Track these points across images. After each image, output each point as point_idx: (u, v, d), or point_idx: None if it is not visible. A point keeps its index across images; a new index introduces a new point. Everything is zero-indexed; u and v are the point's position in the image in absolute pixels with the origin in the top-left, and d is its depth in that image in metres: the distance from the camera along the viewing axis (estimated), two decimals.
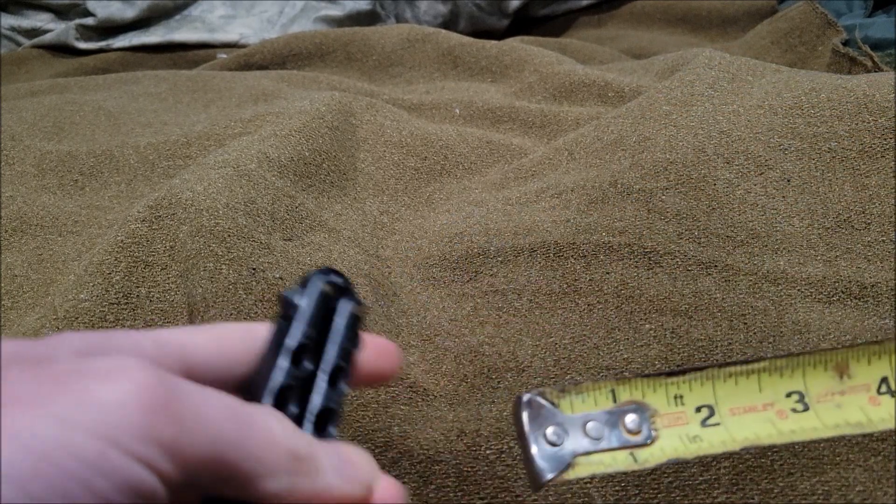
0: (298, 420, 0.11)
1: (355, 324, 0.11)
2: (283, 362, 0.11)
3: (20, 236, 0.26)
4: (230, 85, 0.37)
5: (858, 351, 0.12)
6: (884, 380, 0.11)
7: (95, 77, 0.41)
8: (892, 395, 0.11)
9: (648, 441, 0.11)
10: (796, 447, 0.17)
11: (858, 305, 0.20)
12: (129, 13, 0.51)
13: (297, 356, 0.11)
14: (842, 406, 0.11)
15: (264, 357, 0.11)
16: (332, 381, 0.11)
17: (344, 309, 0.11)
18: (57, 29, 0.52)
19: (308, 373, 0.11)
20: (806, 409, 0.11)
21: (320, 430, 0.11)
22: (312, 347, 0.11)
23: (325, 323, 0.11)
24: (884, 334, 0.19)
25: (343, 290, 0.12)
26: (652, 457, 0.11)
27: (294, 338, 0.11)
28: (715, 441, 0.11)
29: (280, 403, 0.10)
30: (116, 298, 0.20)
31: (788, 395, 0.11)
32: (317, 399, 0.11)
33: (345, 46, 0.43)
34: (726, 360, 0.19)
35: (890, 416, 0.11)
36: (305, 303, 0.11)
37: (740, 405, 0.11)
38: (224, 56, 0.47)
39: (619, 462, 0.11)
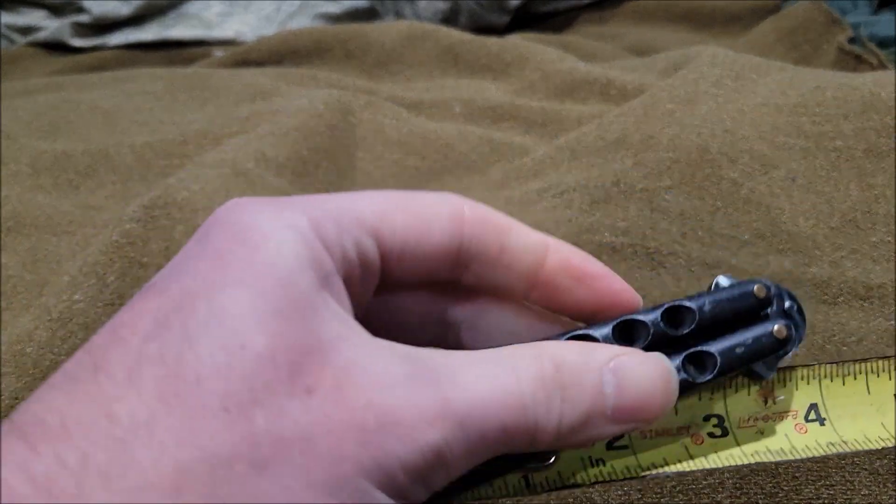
0: None
1: (764, 343, 0.10)
2: (650, 314, 0.10)
3: (14, 236, 0.26)
4: (227, 83, 0.37)
5: (785, 375, 0.11)
6: (812, 406, 0.11)
7: (91, 75, 0.40)
8: (822, 424, 0.11)
9: (548, 463, 0.10)
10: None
11: (864, 307, 0.20)
12: (124, 10, 0.51)
13: (668, 317, 0.10)
14: (764, 432, 0.11)
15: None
16: (689, 358, 0.10)
17: (765, 326, 0.10)
18: (52, 27, 0.52)
19: (668, 337, 0.10)
20: (725, 433, 0.11)
21: None
22: (693, 325, 0.10)
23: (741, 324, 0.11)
24: (889, 336, 0.19)
25: (786, 313, 0.11)
26: (546, 482, 0.10)
27: (680, 301, 0.10)
28: (618, 466, 0.11)
29: (622, 335, 0.10)
30: (111, 299, 0.20)
31: (706, 418, 0.11)
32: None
33: (343, 43, 0.43)
34: None
35: (816, 444, 0.11)
36: (725, 281, 0.11)
37: (652, 427, 0.11)
38: (221, 53, 0.47)
39: (510, 487, 0.10)
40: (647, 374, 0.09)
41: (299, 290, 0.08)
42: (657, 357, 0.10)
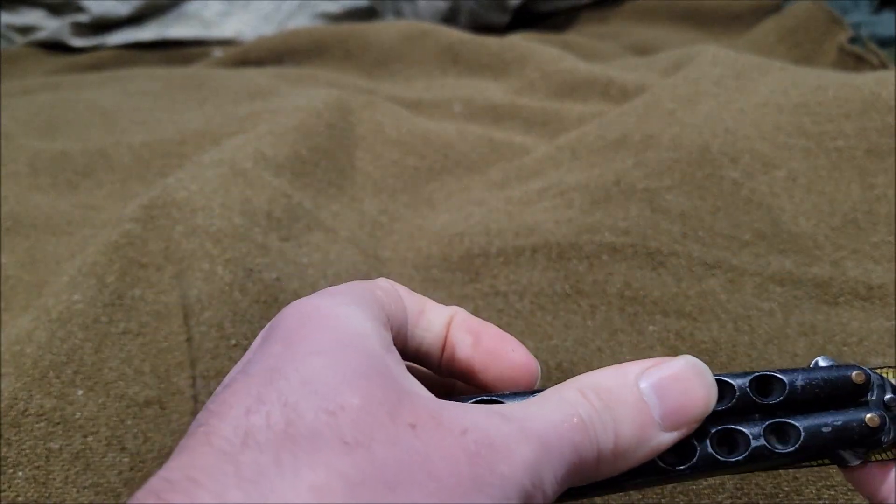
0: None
1: (855, 431, 0.10)
2: (739, 379, 0.10)
3: (13, 236, 0.26)
4: (226, 82, 0.37)
5: None
6: None
7: (89, 75, 0.40)
8: None
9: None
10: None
11: (865, 307, 0.20)
12: (123, 10, 0.50)
13: (757, 384, 0.10)
14: None
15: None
16: (772, 428, 0.10)
17: (858, 412, 0.10)
18: (51, 26, 0.52)
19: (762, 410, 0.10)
20: None
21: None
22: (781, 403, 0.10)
23: (830, 406, 0.10)
24: (890, 336, 0.19)
25: (885, 405, 0.10)
26: None
27: (772, 370, 0.10)
28: None
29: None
30: (110, 299, 0.20)
31: None
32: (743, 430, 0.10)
33: (342, 43, 0.43)
34: (730, 363, 0.18)
35: None
36: (824, 362, 0.11)
37: None
38: (220, 53, 0.47)
39: None
40: (680, 376, 0.10)
41: (374, 354, 0.09)
42: (685, 358, 0.10)
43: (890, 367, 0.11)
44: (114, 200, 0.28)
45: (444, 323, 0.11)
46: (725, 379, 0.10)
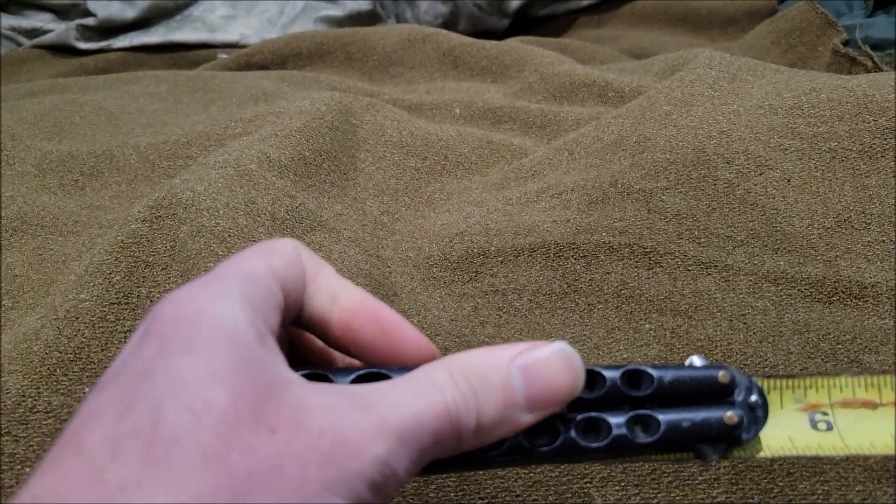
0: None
1: (713, 428, 0.11)
2: (612, 371, 0.11)
3: (20, 236, 0.26)
4: (230, 85, 0.37)
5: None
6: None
7: (96, 77, 0.41)
8: None
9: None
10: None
11: (858, 305, 0.20)
12: (130, 13, 0.51)
13: (629, 377, 0.11)
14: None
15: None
16: (636, 419, 0.10)
17: (719, 410, 0.11)
18: (57, 29, 0.52)
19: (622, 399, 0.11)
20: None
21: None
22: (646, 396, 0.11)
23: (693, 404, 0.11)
24: (883, 335, 0.19)
25: (750, 407, 0.11)
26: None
27: (643, 366, 0.11)
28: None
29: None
30: (117, 298, 0.20)
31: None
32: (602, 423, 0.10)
33: (345, 46, 0.43)
34: (726, 360, 0.19)
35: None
36: (698, 361, 0.11)
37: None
38: (224, 56, 0.47)
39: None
40: (551, 363, 0.10)
41: (246, 345, 0.09)
42: (559, 345, 0.11)
43: (776, 377, 0.11)
44: (120, 201, 0.28)
45: (338, 295, 0.11)
46: (598, 370, 0.11)
